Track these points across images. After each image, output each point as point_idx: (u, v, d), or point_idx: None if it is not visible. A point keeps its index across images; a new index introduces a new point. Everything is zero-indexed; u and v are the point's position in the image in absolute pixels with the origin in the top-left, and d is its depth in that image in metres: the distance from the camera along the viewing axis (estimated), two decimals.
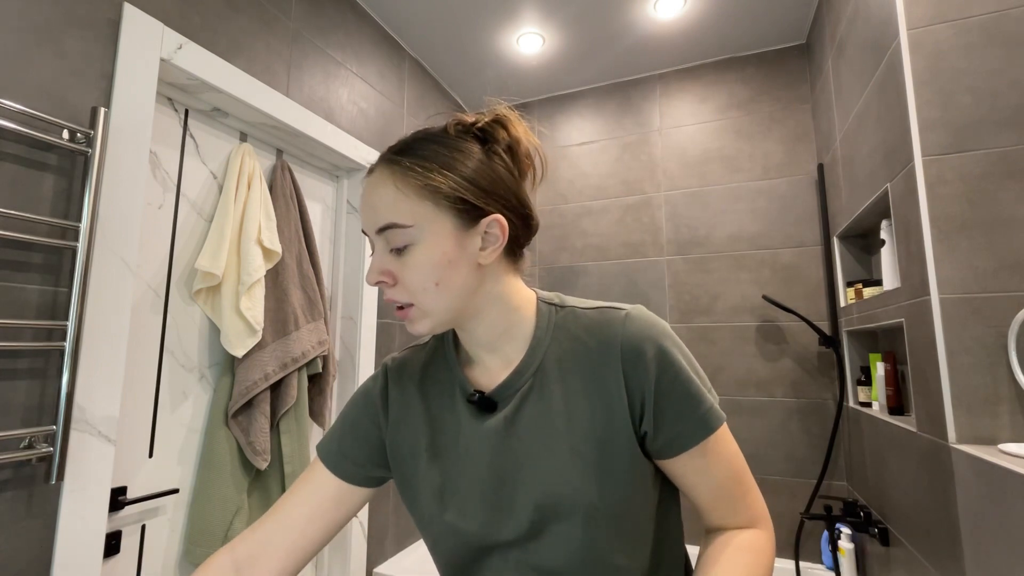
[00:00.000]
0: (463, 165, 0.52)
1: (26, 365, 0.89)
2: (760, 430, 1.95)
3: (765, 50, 2.13)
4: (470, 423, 0.57)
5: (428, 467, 0.57)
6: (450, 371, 0.61)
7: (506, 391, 0.56)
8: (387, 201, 0.51)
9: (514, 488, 0.53)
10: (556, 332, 0.56)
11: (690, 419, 0.52)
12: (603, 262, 2.30)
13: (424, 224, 0.50)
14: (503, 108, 0.57)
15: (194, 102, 1.31)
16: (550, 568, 0.52)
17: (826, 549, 1.73)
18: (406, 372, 0.63)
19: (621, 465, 0.52)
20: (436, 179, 0.51)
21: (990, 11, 1.01)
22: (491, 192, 0.53)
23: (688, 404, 0.52)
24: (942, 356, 0.98)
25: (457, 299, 0.52)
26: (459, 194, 0.51)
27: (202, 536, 1.19)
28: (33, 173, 0.91)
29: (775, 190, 2.04)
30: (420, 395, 0.61)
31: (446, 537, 0.56)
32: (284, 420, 1.37)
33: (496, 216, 0.53)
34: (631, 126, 2.34)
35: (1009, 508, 0.78)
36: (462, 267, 0.52)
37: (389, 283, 0.52)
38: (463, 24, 1.97)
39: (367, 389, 0.65)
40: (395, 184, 0.51)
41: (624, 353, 0.52)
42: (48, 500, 0.90)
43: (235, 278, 1.29)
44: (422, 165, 0.51)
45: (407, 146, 0.53)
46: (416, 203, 0.50)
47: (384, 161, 0.53)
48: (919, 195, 1.03)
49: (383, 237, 0.52)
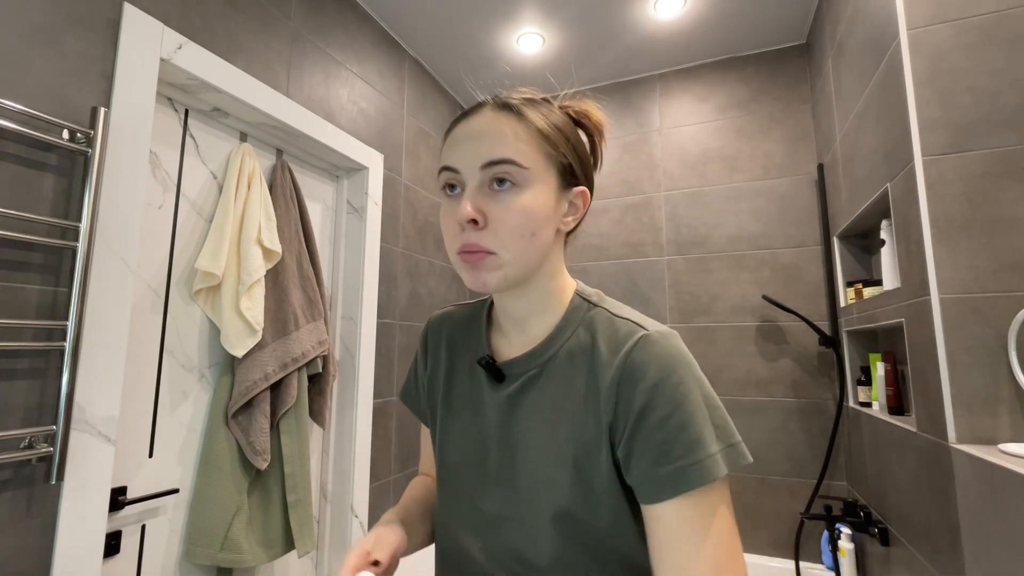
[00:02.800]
0: (572, 134, 0.56)
1: (26, 365, 0.89)
2: (760, 430, 1.95)
3: (765, 50, 2.13)
4: (484, 388, 0.59)
5: (444, 418, 0.62)
6: (479, 333, 0.63)
7: (515, 368, 0.57)
8: (507, 138, 0.51)
9: (507, 464, 0.55)
10: (580, 328, 0.56)
11: (673, 464, 0.45)
12: (603, 262, 2.30)
13: (536, 171, 0.51)
14: (591, 101, 0.60)
15: (194, 102, 1.31)
16: (518, 553, 0.53)
17: (826, 549, 1.73)
18: (444, 326, 0.68)
19: (598, 480, 0.50)
20: (553, 136, 0.53)
21: (990, 11, 1.01)
22: (584, 166, 0.57)
23: (674, 446, 0.45)
24: (942, 356, 0.98)
25: (537, 256, 0.53)
26: (567, 158, 0.54)
27: (202, 536, 1.19)
28: (33, 173, 0.91)
29: (775, 190, 2.04)
30: (448, 350, 0.65)
31: (446, 489, 0.60)
32: (284, 420, 1.37)
33: (584, 188, 0.56)
34: (631, 126, 2.34)
35: (1009, 508, 0.78)
36: (551, 226, 0.53)
37: (480, 224, 0.50)
38: (463, 24, 1.97)
39: (420, 338, 0.71)
40: (513, 127, 0.51)
41: (624, 371, 0.49)
42: (48, 500, 0.90)
43: (235, 278, 1.29)
44: (541, 119, 0.53)
45: (516, 100, 0.55)
46: (534, 150, 0.51)
47: (498, 105, 0.54)
48: (919, 195, 1.03)
49: (488, 172, 0.50)
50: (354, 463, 1.67)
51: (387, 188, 1.94)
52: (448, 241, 0.53)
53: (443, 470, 0.61)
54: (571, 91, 0.60)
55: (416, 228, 2.12)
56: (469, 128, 0.53)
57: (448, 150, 0.54)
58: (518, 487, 0.53)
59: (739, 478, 1.96)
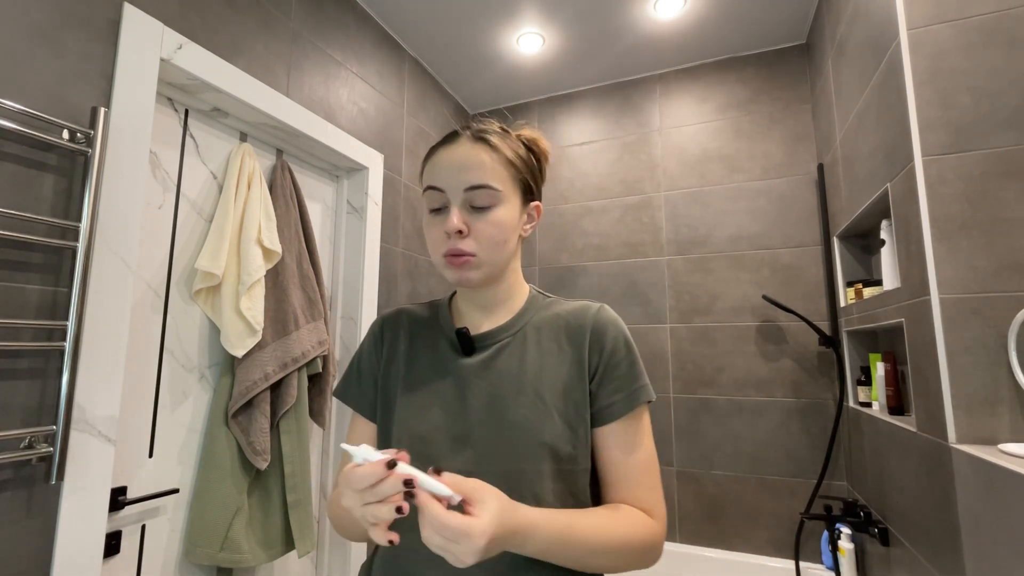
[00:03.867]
0: (528, 159, 0.70)
1: (26, 365, 0.89)
2: (760, 430, 1.95)
3: (765, 50, 2.13)
4: (447, 360, 0.68)
5: (405, 396, 0.68)
6: (439, 322, 0.73)
7: (487, 340, 0.68)
8: (485, 166, 0.64)
9: (476, 423, 0.63)
10: (539, 311, 0.71)
11: (626, 391, 0.64)
12: (603, 262, 2.30)
13: (507, 192, 0.65)
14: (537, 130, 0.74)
15: (194, 102, 1.31)
16: None
17: (826, 549, 1.73)
18: (402, 317, 0.76)
19: (577, 412, 0.64)
20: (516, 162, 0.67)
21: (990, 11, 1.01)
22: (537, 185, 0.72)
23: (628, 378, 0.65)
24: (942, 356, 0.98)
25: (507, 258, 0.67)
26: (527, 179, 0.69)
27: (202, 536, 1.19)
28: (33, 173, 0.91)
29: (775, 190, 2.04)
30: (407, 337, 0.73)
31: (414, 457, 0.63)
32: (284, 420, 1.37)
33: (539, 203, 0.71)
34: (631, 126, 2.34)
35: (1009, 508, 0.78)
36: (516, 234, 0.68)
37: (464, 233, 0.63)
38: (463, 24, 1.97)
39: (371, 331, 0.77)
40: (490, 156, 0.65)
41: (594, 328, 0.67)
42: (48, 500, 0.90)
43: (235, 278, 1.29)
44: (508, 149, 0.67)
45: (487, 132, 0.67)
46: (503, 174, 0.65)
47: (473, 136, 0.66)
48: (919, 195, 1.03)
49: (469, 195, 0.63)
50: None
51: (387, 188, 1.94)
52: (435, 246, 0.65)
53: (412, 440, 0.65)
54: (522, 122, 0.74)
55: (416, 228, 2.12)
56: (452, 156, 0.65)
57: (433, 172, 0.66)
58: (499, 433, 0.61)
59: (739, 478, 1.96)
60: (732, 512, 1.96)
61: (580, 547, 0.55)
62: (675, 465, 2.07)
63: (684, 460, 2.06)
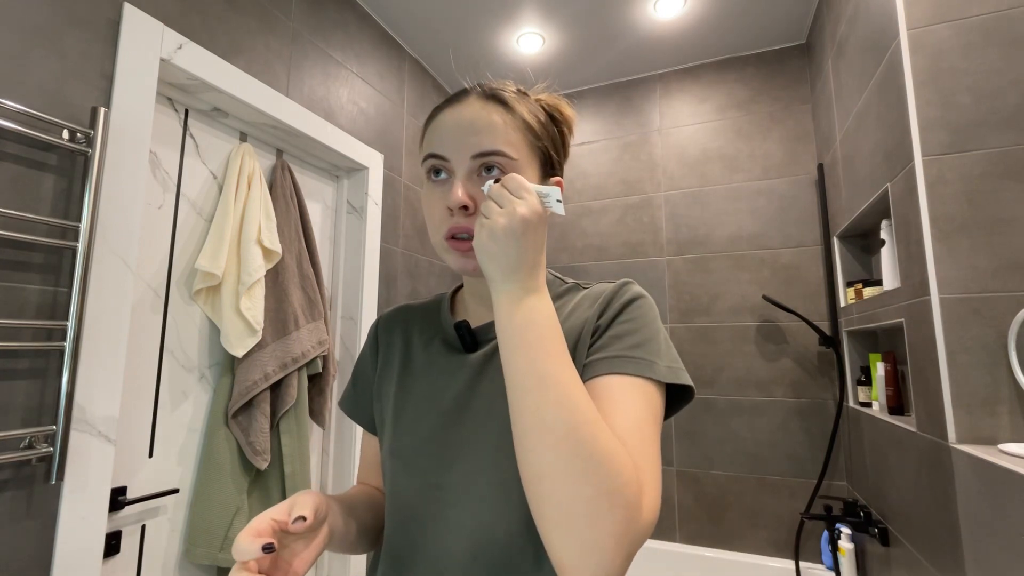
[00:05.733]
0: (551, 127, 0.58)
1: (26, 365, 0.89)
2: (760, 430, 1.95)
3: (765, 50, 2.13)
4: (447, 359, 0.59)
5: (399, 398, 0.60)
6: (438, 319, 0.64)
7: (491, 332, 0.58)
8: (497, 129, 0.52)
9: (472, 427, 0.53)
10: (556, 298, 0.59)
11: (631, 352, 0.50)
12: (603, 262, 2.30)
13: (523, 161, 0.53)
14: (560, 96, 0.61)
15: (194, 102, 1.31)
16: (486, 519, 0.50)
17: (826, 549, 1.73)
18: (400, 315, 0.68)
19: None
20: (536, 127, 0.55)
21: (990, 11, 1.01)
22: (560, 158, 0.60)
23: (634, 342, 0.51)
24: (942, 356, 0.98)
25: None
26: (547, 149, 0.56)
27: (202, 536, 1.19)
28: (33, 173, 0.91)
29: (775, 190, 2.04)
30: (403, 335, 0.65)
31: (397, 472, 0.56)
32: (284, 420, 1.37)
33: (560, 179, 0.58)
34: (631, 126, 2.34)
35: (1009, 508, 0.78)
36: None
37: (470, 209, 0.52)
38: (463, 24, 1.97)
39: (369, 334, 0.70)
40: (501, 117, 0.52)
41: (608, 294, 0.56)
42: (48, 500, 0.90)
43: (235, 278, 1.29)
44: (526, 110, 0.55)
45: (501, 90, 0.56)
46: (519, 140, 0.53)
47: (486, 95, 0.54)
48: (919, 195, 1.03)
49: (478, 161, 0.51)
50: (354, 463, 1.67)
51: (387, 188, 1.94)
52: (435, 224, 0.53)
53: (401, 452, 0.57)
54: (543, 85, 0.61)
55: (416, 228, 2.12)
56: (458, 116, 0.53)
57: (434, 137, 0.54)
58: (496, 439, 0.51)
59: (739, 478, 1.96)
60: (732, 512, 1.96)
61: (545, 383, 0.42)
62: (675, 465, 2.07)
63: (684, 460, 2.06)
